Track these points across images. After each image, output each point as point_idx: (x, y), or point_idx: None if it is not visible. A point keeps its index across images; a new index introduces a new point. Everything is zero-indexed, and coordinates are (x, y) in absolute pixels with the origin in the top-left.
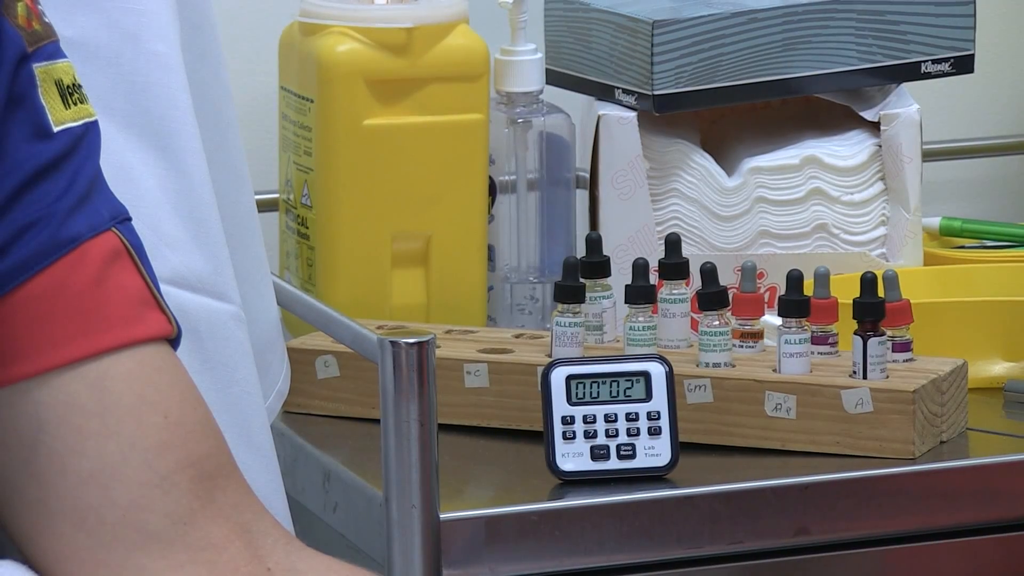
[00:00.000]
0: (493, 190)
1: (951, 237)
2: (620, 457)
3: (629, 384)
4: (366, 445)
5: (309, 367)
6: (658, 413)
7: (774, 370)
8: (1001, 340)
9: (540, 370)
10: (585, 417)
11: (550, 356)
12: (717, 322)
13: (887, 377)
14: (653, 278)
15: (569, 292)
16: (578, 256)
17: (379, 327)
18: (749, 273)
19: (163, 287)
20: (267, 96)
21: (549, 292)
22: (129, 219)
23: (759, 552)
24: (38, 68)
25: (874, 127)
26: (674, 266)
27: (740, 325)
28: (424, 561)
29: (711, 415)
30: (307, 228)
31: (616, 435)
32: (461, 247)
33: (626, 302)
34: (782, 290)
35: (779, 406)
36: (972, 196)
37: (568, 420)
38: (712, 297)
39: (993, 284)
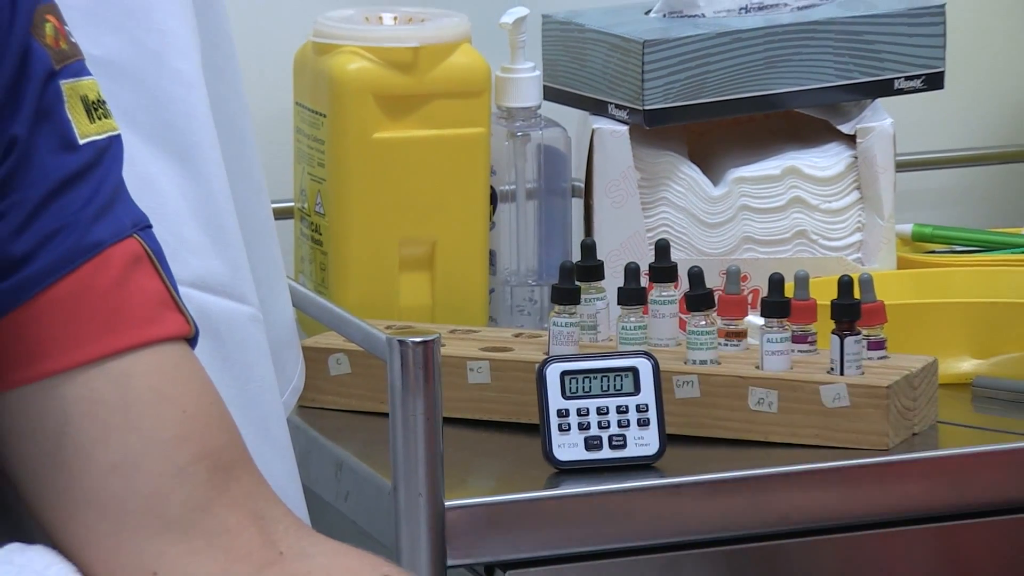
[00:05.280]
0: (494, 199)
1: (923, 242)
2: (612, 447)
3: (619, 379)
4: (375, 437)
5: (322, 364)
6: (646, 405)
7: (757, 367)
8: (969, 339)
9: (537, 367)
10: (579, 410)
11: (547, 354)
12: (704, 322)
13: (863, 373)
14: (644, 281)
15: (565, 294)
16: (574, 260)
17: (387, 327)
18: (733, 276)
19: (185, 290)
20: (283, 111)
21: (547, 294)
22: (150, 226)
23: (743, 537)
24: (64, 84)
25: (851, 140)
26: (663, 270)
27: (725, 325)
28: (430, 546)
29: (698, 409)
30: (320, 235)
31: (608, 426)
32: (464, 252)
33: (619, 303)
34: (764, 292)
35: (762, 400)
36: (942, 204)
37: (563, 413)
38: (699, 299)
39: (962, 287)
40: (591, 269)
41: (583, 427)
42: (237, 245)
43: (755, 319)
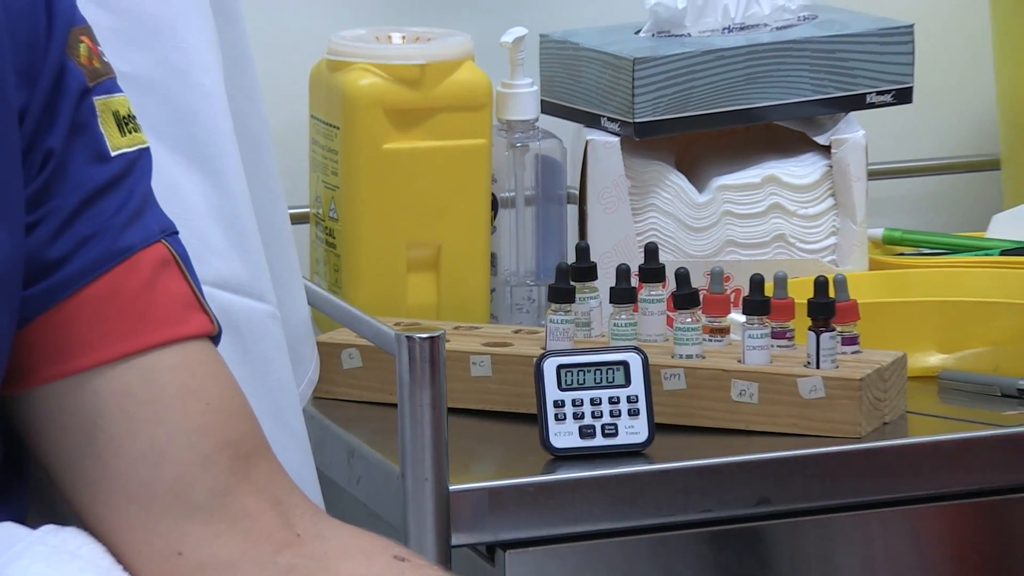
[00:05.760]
0: (495, 205)
1: (893, 246)
2: (604, 435)
3: (611, 372)
4: (385, 426)
5: (336, 358)
6: (636, 397)
7: (739, 361)
8: (936, 335)
9: (535, 360)
10: (574, 401)
11: (545, 349)
12: (689, 319)
13: (837, 367)
14: (634, 281)
15: (561, 293)
16: (569, 262)
17: (396, 324)
18: (717, 277)
19: (208, 289)
20: (299, 123)
21: (544, 294)
22: (176, 232)
23: (726, 519)
24: (98, 100)
25: (826, 150)
26: (652, 271)
27: (709, 322)
28: (435, 527)
29: (684, 400)
30: (334, 238)
31: (601, 416)
32: (467, 254)
33: (611, 302)
34: (746, 291)
35: (743, 392)
36: (911, 210)
37: (559, 404)
38: (685, 298)
39: (929, 286)
40: (585, 270)
41: (578, 417)
42: (257, 248)
43: (737, 316)
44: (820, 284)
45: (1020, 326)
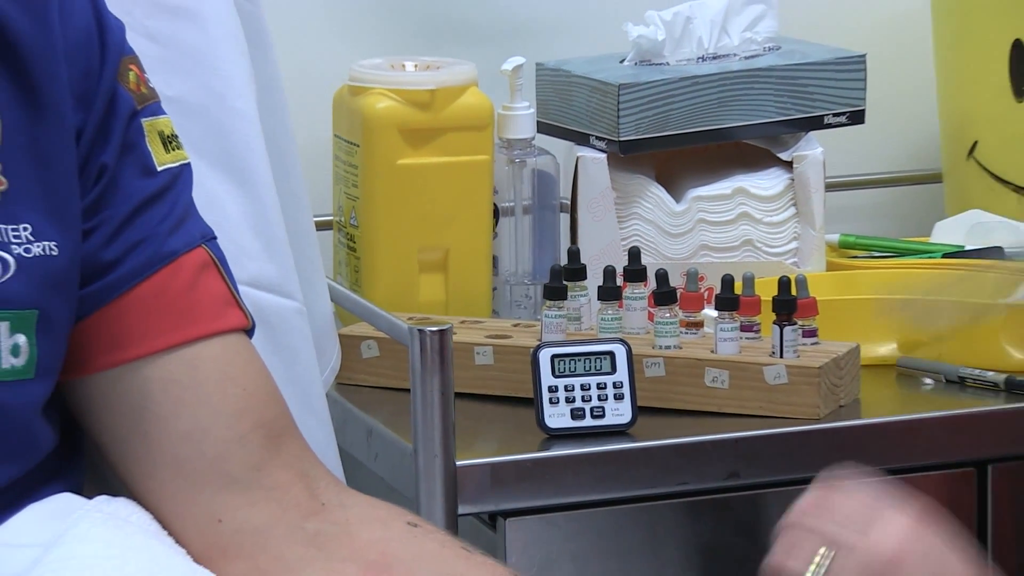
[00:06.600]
0: (496, 214)
1: (848, 249)
2: (593, 417)
3: (599, 361)
4: (400, 409)
5: (356, 349)
6: (621, 383)
7: (712, 351)
8: (886, 328)
9: (531, 351)
10: (566, 386)
11: (540, 340)
12: (668, 314)
13: (798, 356)
14: (619, 281)
15: (555, 292)
16: (562, 264)
17: (409, 318)
18: (692, 277)
19: (243, 288)
20: (324, 141)
21: (539, 292)
22: (215, 237)
23: (700, 491)
24: (145, 122)
25: (788, 165)
26: (635, 272)
27: (686, 317)
28: (444, 498)
29: (663, 386)
30: (354, 243)
31: (590, 400)
32: (472, 257)
33: (599, 299)
34: (718, 290)
35: (716, 379)
36: (864, 218)
37: (553, 389)
38: (664, 295)
39: (879, 285)
40: (576, 271)
41: (569, 400)
42: (286, 251)
43: (710, 312)
44: (783, 283)
45: (961, 320)
